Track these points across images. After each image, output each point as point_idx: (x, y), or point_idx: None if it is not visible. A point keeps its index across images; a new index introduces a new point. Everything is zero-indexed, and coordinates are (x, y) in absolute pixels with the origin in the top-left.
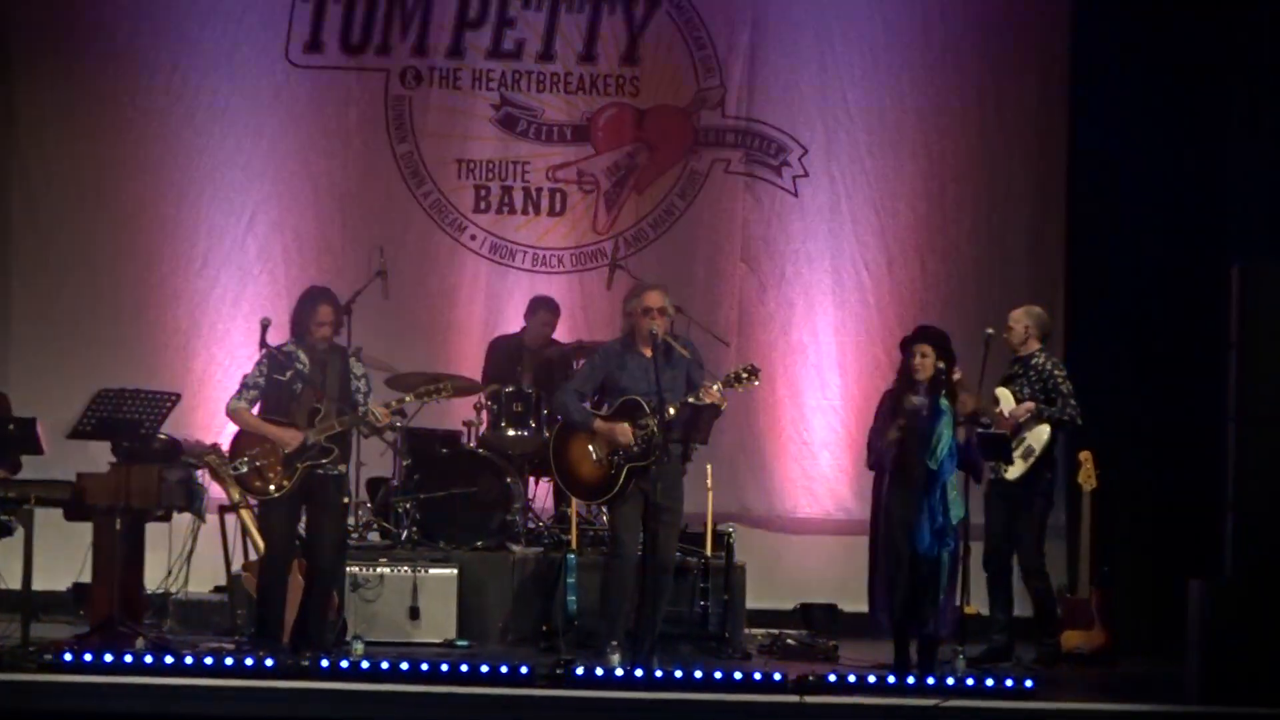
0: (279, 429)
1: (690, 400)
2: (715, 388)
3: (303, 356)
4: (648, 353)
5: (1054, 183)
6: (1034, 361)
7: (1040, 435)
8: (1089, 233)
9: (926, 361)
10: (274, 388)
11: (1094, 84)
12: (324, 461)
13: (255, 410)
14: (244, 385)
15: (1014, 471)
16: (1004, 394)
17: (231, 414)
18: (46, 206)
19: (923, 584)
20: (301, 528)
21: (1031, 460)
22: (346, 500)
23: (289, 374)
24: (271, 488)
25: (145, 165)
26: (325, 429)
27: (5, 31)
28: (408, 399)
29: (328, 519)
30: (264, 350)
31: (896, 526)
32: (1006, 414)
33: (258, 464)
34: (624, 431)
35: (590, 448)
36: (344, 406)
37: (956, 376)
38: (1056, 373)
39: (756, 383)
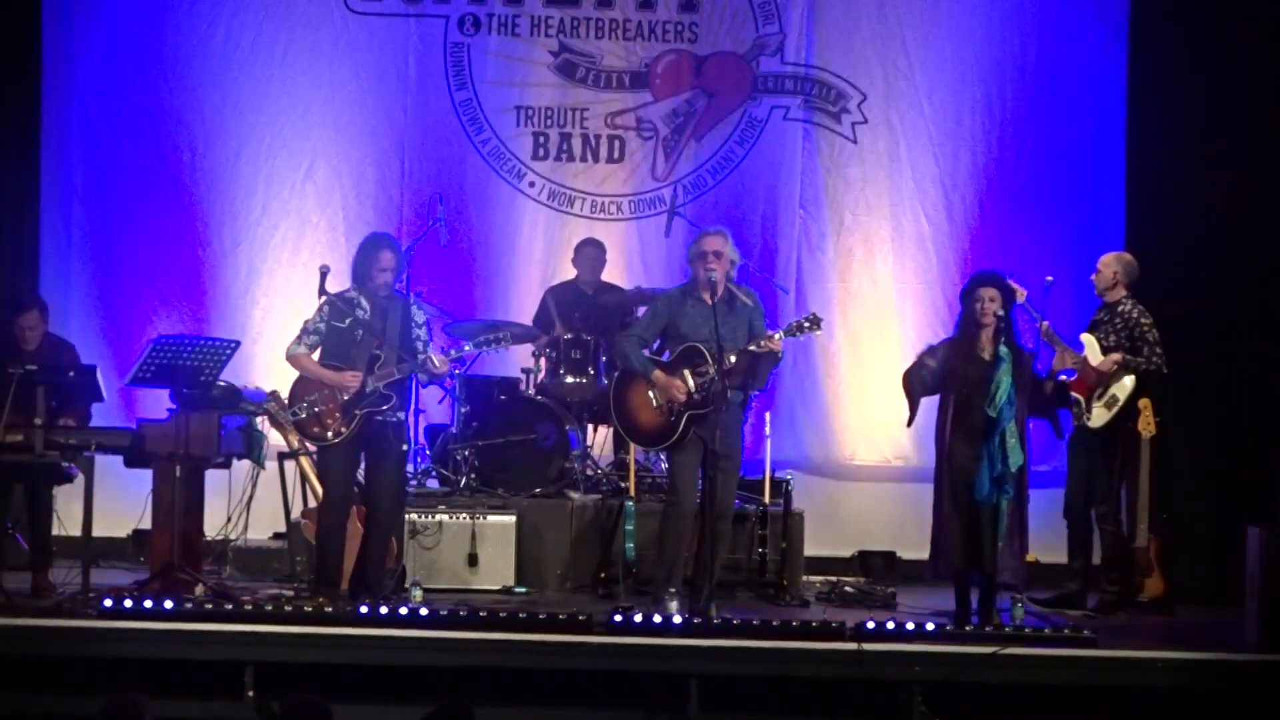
0: (337, 374)
1: (751, 348)
2: (777, 336)
3: (364, 303)
4: (709, 299)
5: (1113, 127)
6: (1121, 309)
7: (1125, 385)
8: (1147, 178)
9: (994, 306)
10: (334, 334)
11: (1154, 30)
12: (383, 408)
13: (315, 356)
14: (304, 331)
15: (1097, 420)
16: (1089, 340)
17: (291, 359)
18: (105, 157)
19: (983, 531)
20: (361, 474)
21: (1115, 410)
22: (405, 447)
23: (348, 321)
24: (329, 434)
25: (203, 113)
26: (384, 376)
27: None
28: (466, 347)
29: (387, 465)
30: (325, 297)
31: (959, 474)
32: (1093, 363)
33: (316, 409)
34: (679, 387)
35: (650, 394)
36: (404, 354)
37: (1044, 326)
38: (1143, 321)
39: (819, 331)
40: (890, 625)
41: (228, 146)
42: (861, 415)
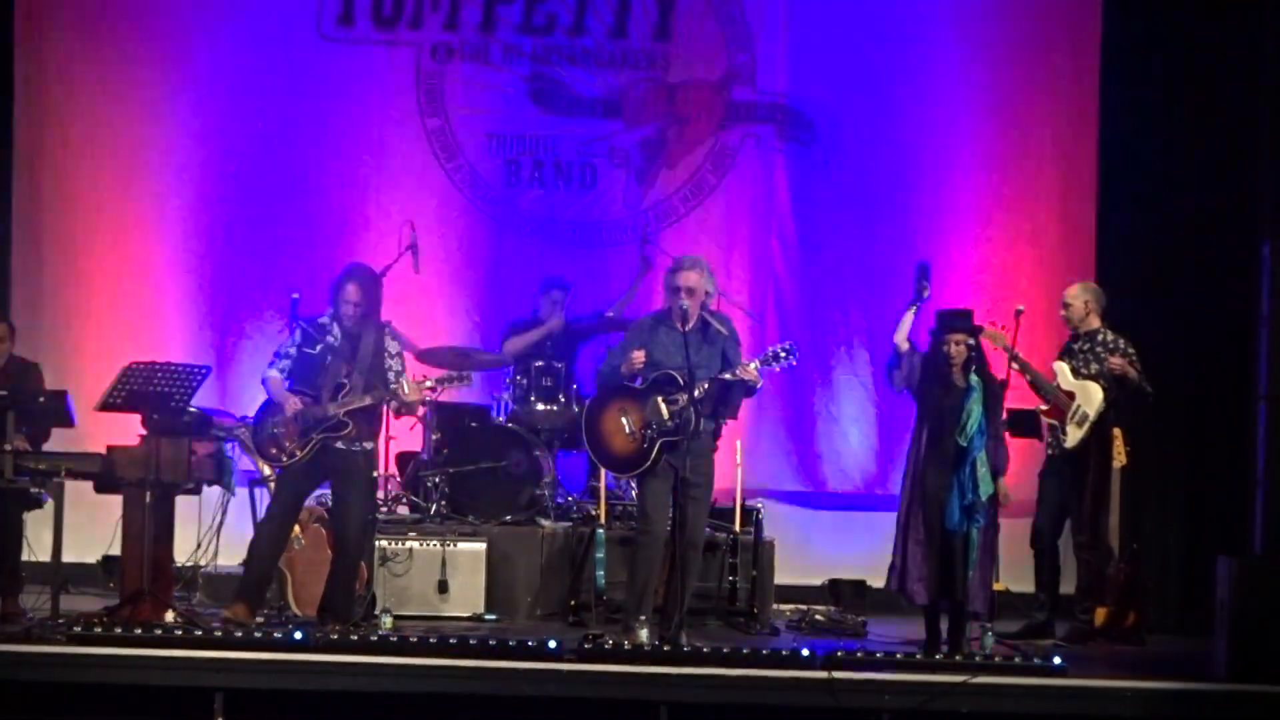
0: (285, 394)
1: (725, 376)
2: (753, 366)
3: (336, 330)
4: (681, 327)
5: (1084, 157)
6: (1101, 338)
7: (1093, 401)
8: (1119, 207)
9: (961, 349)
10: (304, 360)
11: (1124, 60)
12: (341, 434)
13: (287, 380)
14: (277, 355)
15: (1071, 439)
16: (1061, 368)
17: (265, 382)
18: (77, 181)
19: (953, 560)
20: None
21: (1087, 426)
22: (375, 474)
23: (319, 347)
24: (285, 457)
25: (176, 138)
26: (348, 403)
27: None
28: (428, 383)
29: (353, 492)
30: (299, 321)
31: (931, 502)
32: (1065, 387)
33: (275, 431)
34: (636, 359)
35: (624, 420)
36: (372, 380)
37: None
38: (1129, 350)
39: (794, 361)
40: (860, 654)
41: (199, 171)
42: (832, 444)
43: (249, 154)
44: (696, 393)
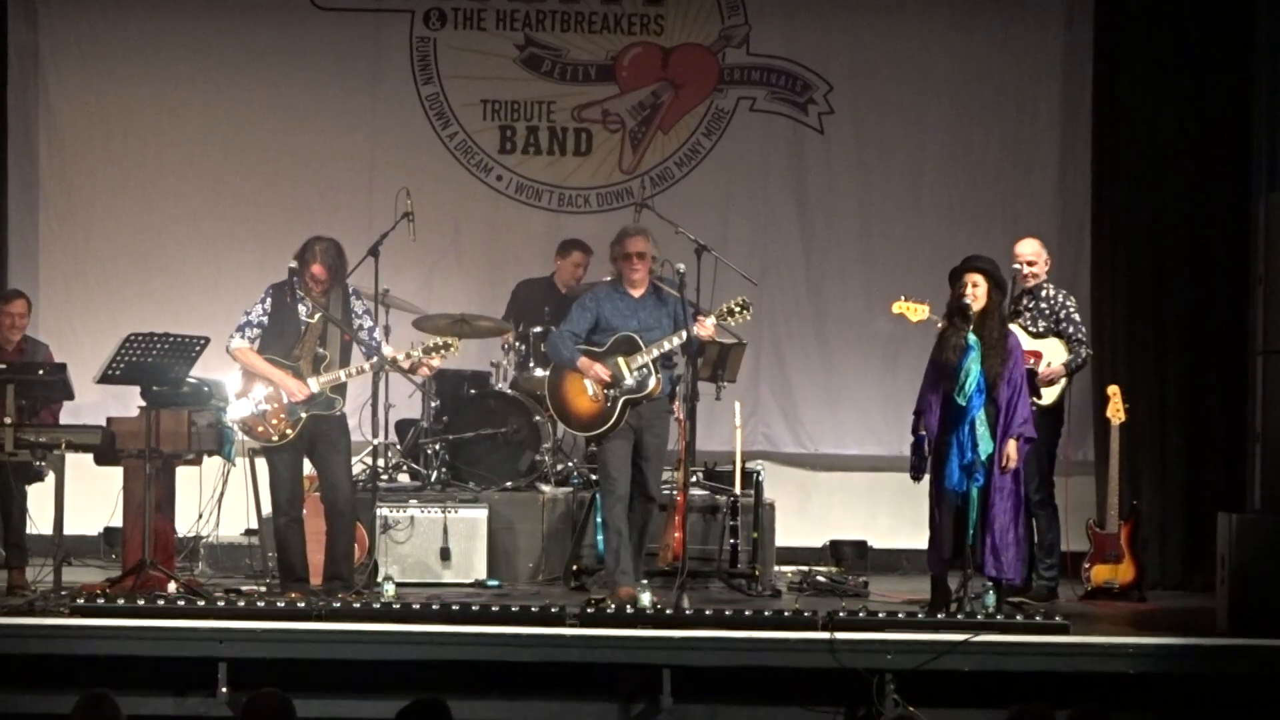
0: (289, 378)
1: (693, 333)
2: (709, 321)
3: (305, 299)
4: (634, 293)
5: (1080, 120)
6: (1043, 293)
7: (1059, 355)
8: (1115, 167)
9: (979, 291)
10: (276, 327)
11: (1119, 21)
12: (329, 411)
13: (255, 349)
14: (246, 323)
15: (1048, 397)
16: (1016, 330)
17: (236, 354)
18: (74, 152)
19: (953, 518)
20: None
21: (1064, 381)
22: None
23: (290, 316)
24: (275, 436)
25: (172, 110)
26: (330, 381)
27: None
28: (415, 353)
29: (338, 457)
30: (269, 289)
31: (939, 462)
32: (1026, 348)
33: (261, 408)
34: (596, 374)
35: (586, 382)
36: (348, 347)
37: None
38: (1069, 302)
39: (749, 316)
40: (862, 614)
41: (195, 142)
42: (831, 404)
43: (245, 123)
44: (655, 352)
